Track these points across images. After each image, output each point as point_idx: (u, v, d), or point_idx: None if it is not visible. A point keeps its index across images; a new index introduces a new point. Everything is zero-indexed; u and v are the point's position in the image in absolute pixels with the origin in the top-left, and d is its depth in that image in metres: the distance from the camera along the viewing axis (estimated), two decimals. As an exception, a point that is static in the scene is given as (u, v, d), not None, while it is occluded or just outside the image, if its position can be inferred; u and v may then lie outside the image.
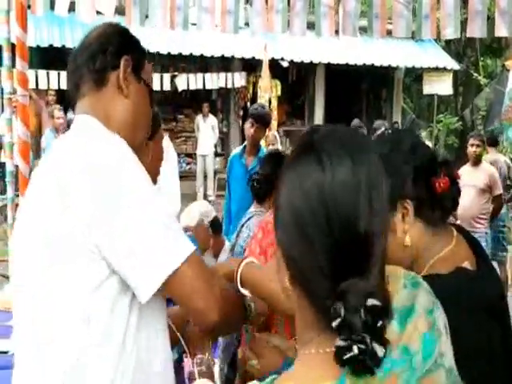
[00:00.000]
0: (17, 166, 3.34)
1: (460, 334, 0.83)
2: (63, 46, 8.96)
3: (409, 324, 0.72)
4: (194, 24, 3.46)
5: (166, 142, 2.09)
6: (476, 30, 3.38)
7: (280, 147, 5.56)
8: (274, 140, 6.02)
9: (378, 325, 0.66)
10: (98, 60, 1.18)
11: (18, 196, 3.34)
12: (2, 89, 5.31)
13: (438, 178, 1.10)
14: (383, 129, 5.76)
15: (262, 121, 4.24)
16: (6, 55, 3.28)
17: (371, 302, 0.66)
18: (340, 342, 0.66)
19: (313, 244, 0.71)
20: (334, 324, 0.66)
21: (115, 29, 1.25)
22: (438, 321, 0.76)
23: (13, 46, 3.25)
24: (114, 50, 1.19)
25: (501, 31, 3.36)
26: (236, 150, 4.79)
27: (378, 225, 0.72)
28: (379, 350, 0.66)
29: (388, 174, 0.76)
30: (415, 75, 14.22)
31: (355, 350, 0.65)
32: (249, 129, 4.25)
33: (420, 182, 1.10)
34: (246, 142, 4.45)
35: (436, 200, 1.11)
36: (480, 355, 0.99)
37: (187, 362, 1.22)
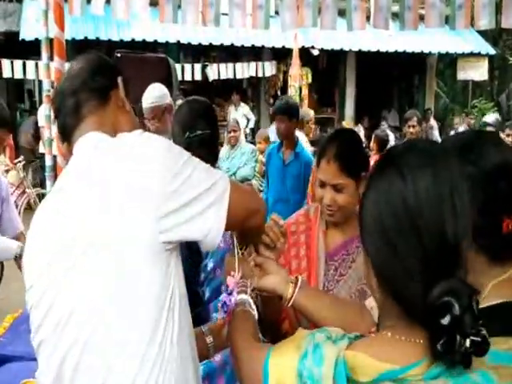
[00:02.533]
0: (55, 161, 3.47)
1: None
2: (97, 39, 9.11)
3: None
4: (226, 14, 3.49)
5: None
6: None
7: (243, 135, 5.21)
8: (235, 126, 5.83)
9: (480, 322, 0.74)
10: (97, 80, 1.26)
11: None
12: (41, 81, 5.50)
13: (510, 219, 1.00)
14: (415, 117, 5.64)
15: (288, 113, 4.21)
16: (44, 53, 3.40)
17: (475, 301, 0.74)
18: (446, 336, 0.73)
19: (400, 251, 0.78)
20: (445, 320, 0.73)
21: (101, 57, 1.34)
22: None
23: (51, 44, 3.35)
24: (108, 70, 1.31)
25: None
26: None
27: (463, 228, 0.78)
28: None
29: (446, 189, 0.77)
30: (449, 60, 13.91)
31: (467, 343, 0.73)
32: (277, 126, 4.26)
33: (489, 214, 0.99)
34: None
35: (500, 236, 1.01)
36: None
37: (230, 280, 1.32)
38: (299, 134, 6.03)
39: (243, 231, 1.33)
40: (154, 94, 3.37)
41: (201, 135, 1.91)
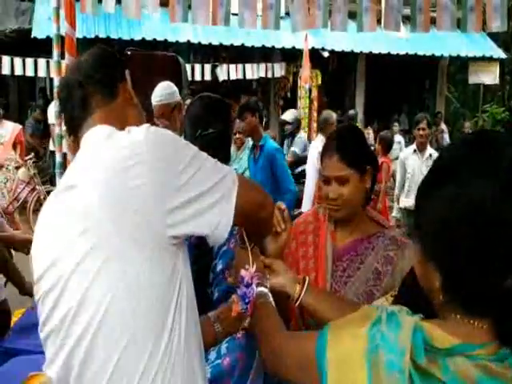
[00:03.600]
0: (65, 157, 3.49)
1: None
2: (108, 37, 9.17)
3: None
4: (236, 14, 3.49)
5: None
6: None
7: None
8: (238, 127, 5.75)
9: None
10: (104, 73, 1.25)
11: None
12: (52, 79, 5.55)
13: None
14: (425, 120, 5.60)
15: (249, 109, 4.27)
16: (55, 50, 3.42)
17: None
18: None
19: (472, 251, 0.82)
20: None
21: (108, 50, 1.34)
22: None
23: (62, 41, 3.37)
24: (117, 64, 1.30)
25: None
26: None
27: None
28: None
29: (501, 181, 0.81)
30: (460, 63, 13.84)
31: None
32: (242, 125, 4.34)
33: None
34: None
35: None
36: None
37: (246, 273, 1.31)
38: (320, 136, 6.00)
39: (251, 226, 1.32)
40: (163, 92, 3.37)
41: (213, 133, 1.89)
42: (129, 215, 1.02)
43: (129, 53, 4.56)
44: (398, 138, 9.82)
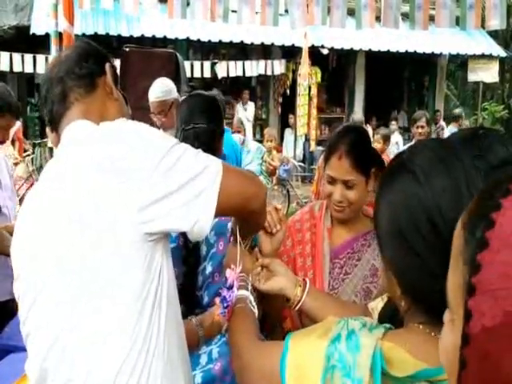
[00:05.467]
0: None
1: None
2: (107, 34, 9.15)
3: None
4: (235, 11, 3.49)
5: None
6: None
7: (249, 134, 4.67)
8: (239, 127, 5.48)
9: None
10: (83, 67, 1.24)
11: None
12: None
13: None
14: (424, 118, 5.60)
15: None
16: (53, 46, 3.40)
17: None
18: None
19: (421, 253, 0.78)
20: None
21: (89, 44, 1.33)
22: None
23: (60, 37, 3.36)
24: (96, 57, 1.28)
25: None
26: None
27: None
28: None
29: (462, 182, 0.79)
30: (460, 61, 13.83)
31: None
32: None
33: None
34: None
35: None
36: None
37: (231, 274, 1.26)
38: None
39: (243, 217, 1.27)
40: (160, 89, 3.34)
41: (195, 128, 1.86)
42: (102, 212, 1.00)
43: (127, 49, 4.55)
44: (396, 137, 9.77)
